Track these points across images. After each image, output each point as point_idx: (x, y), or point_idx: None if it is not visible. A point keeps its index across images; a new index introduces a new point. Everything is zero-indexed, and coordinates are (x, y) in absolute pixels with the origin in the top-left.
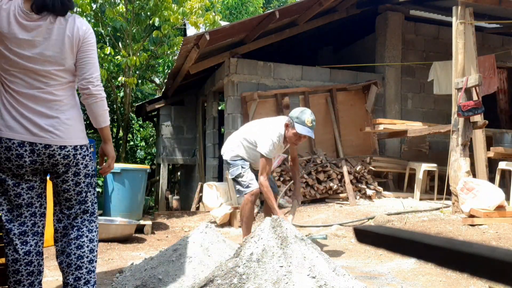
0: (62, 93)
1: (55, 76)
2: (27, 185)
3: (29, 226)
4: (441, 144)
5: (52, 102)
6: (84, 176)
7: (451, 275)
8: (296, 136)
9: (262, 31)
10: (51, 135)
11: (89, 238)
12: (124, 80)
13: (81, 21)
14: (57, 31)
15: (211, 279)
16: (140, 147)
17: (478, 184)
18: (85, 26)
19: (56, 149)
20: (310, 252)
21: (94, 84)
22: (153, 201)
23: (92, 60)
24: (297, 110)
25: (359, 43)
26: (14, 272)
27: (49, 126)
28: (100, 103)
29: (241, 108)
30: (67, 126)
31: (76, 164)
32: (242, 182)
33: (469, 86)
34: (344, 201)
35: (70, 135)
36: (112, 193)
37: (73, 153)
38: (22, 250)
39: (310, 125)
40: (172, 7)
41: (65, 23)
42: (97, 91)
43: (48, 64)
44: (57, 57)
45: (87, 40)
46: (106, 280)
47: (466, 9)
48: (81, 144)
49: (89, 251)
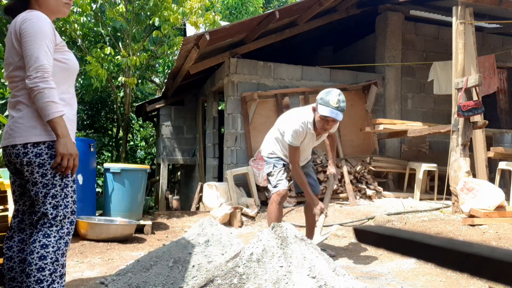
0: (19, 92)
1: (13, 77)
2: (19, 182)
3: (28, 224)
4: (441, 144)
5: (16, 104)
6: (40, 175)
7: (451, 275)
8: (322, 120)
9: (262, 31)
10: (6, 135)
11: (42, 243)
12: (124, 80)
13: (23, 14)
14: (9, 31)
15: (211, 279)
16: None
17: (478, 184)
18: (22, 18)
19: (10, 148)
20: (310, 252)
21: (30, 78)
22: (153, 201)
23: (27, 51)
24: (324, 91)
25: (359, 43)
26: (9, 269)
27: (7, 127)
28: (38, 95)
29: (241, 108)
30: (18, 125)
31: (29, 163)
32: (271, 181)
33: (469, 86)
34: (344, 201)
35: (20, 133)
36: (112, 193)
37: (22, 151)
38: (17, 248)
39: (336, 106)
40: (172, 7)
41: (14, 22)
42: (33, 84)
43: (7, 67)
44: (8, 57)
45: (23, 31)
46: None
47: (466, 9)
48: (33, 141)
49: (39, 258)
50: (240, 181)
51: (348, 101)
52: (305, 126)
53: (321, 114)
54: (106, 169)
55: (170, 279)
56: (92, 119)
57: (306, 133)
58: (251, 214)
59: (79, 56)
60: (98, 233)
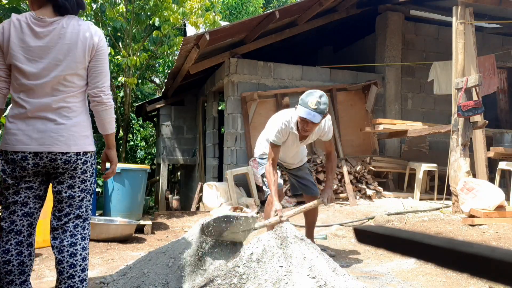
0: (71, 99)
1: (66, 81)
2: (26, 185)
3: (25, 226)
4: (441, 144)
5: (62, 109)
6: (81, 181)
7: (451, 275)
8: (301, 121)
9: (262, 31)
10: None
11: (82, 246)
12: (124, 80)
13: (96, 28)
14: (70, 36)
15: (211, 279)
16: (140, 147)
17: (478, 184)
18: (100, 34)
19: (59, 154)
20: (310, 252)
21: (105, 93)
22: (153, 201)
23: (104, 69)
24: (307, 91)
25: (359, 43)
26: (7, 273)
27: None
28: (109, 110)
29: (241, 108)
30: (72, 132)
31: (74, 169)
32: (265, 181)
33: (469, 86)
34: (344, 201)
35: (75, 141)
36: (112, 193)
37: (74, 158)
38: (16, 251)
39: (314, 107)
40: (172, 7)
41: (78, 28)
42: (107, 99)
43: (59, 68)
44: (68, 60)
45: (101, 49)
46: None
47: (466, 9)
48: (84, 150)
49: (82, 259)
50: (240, 181)
51: (348, 101)
52: (288, 125)
53: (298, 115)
54: (106, 169)
55: (170, 278)
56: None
57: (289, 132)
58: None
59: None
60: (98, 233)
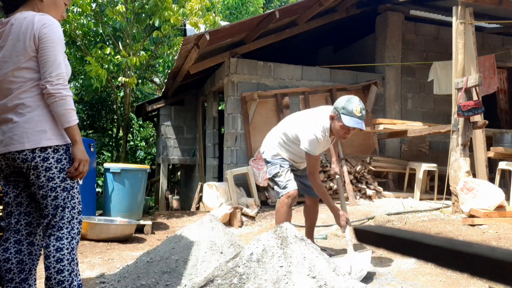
0: (24, 95)
1: (14, 77)
2: (13, 184)
3: (23, 225)
4: (441, 144)
5: (18, 107)
6: (47, 179)
7: (451, 275)
8: (344, 129)
9: (262, 31)
10: (7, 140)
11: (56, 247)
12: (124, 80)
13: (40, 17)
14: (14, 30)
15: (211, 279)
16: (140, 147)
17: (478, 184)
18: (44, 22)
19: (15, 153)
20: (310, 252)
21: (52, 83)
22: (153, 201)
23: (49, 57)
24: (343, 98)
25: (359, 43)
26: (6, 271)
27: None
28: (60, 102)
29: (241, 108)
30: (24, 129)
31: (35, 167)
32: (279, 182)
33: (469, 86)
34: None
35: (28, 138)
36: (112, 193)
37: (31, 156)
38: (15, 249)
39: (359, 115)
40: (172, 8)
41: (22, 21)
42: (55, 90)
43: (7, 65)
44: (12, 56)
45: (44, 36)
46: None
47: (466, 9)
48: (40, 146)
49: (56, 261)
50: (240, 181)
51: None
52: (324, 134)
53: (346, 124)
54: (106, 169)
55: (170, 278)
56: (92, 119)
57: (324, 142)
58: (251, 214)
59: (79, 56)
60: (98, 233)
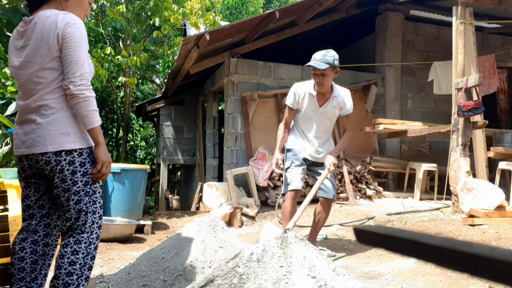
0: (48, 96)
1: (38, 78)
2: (35, 187)
3: (41, 226)
4: (441, 144)
5: (41, 108)
6: (72, 183)
7: (451, 275)
8: (313, 75)
9: (262, 31)
10: (30, 141)
11: (73, 249)
12: (124, 80)
13: (64, 16)
14: (38, 29)
15: (211, 279)
16: (140, 147)
17: (478, 184)
18: (68, 21)
19: (38, 155)
20: (310, 252)
21: (75, 84)
22: (153, 201)
23: (73, 57)
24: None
25: (359, 43)
26: (19, 270)
27: (30, 133)
28: (83, 103)
29: (241, 108)
30: (48, 131)
31: (61, 171)
32: (286, 176)
33: (469, 86)
34: (344, 201)
35: (52, 140)
36: (112, 193)
37: (54, 158)
38: (30, 249)
39: (320, 58)
40: (173, 8)
41: (46, 20)
42: (79, 91)
43: (31, 65)
44: (36, 56)
45: (67, 36)
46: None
47: (466, 9)
48: (65, 149)
49: (69, 263)
50: (240, 181)
51: None
52: (304, 86)
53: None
54: None
55: (170, 278)
56: None
57: (304, 93)
58: (251, 214)
59: None
60: None
